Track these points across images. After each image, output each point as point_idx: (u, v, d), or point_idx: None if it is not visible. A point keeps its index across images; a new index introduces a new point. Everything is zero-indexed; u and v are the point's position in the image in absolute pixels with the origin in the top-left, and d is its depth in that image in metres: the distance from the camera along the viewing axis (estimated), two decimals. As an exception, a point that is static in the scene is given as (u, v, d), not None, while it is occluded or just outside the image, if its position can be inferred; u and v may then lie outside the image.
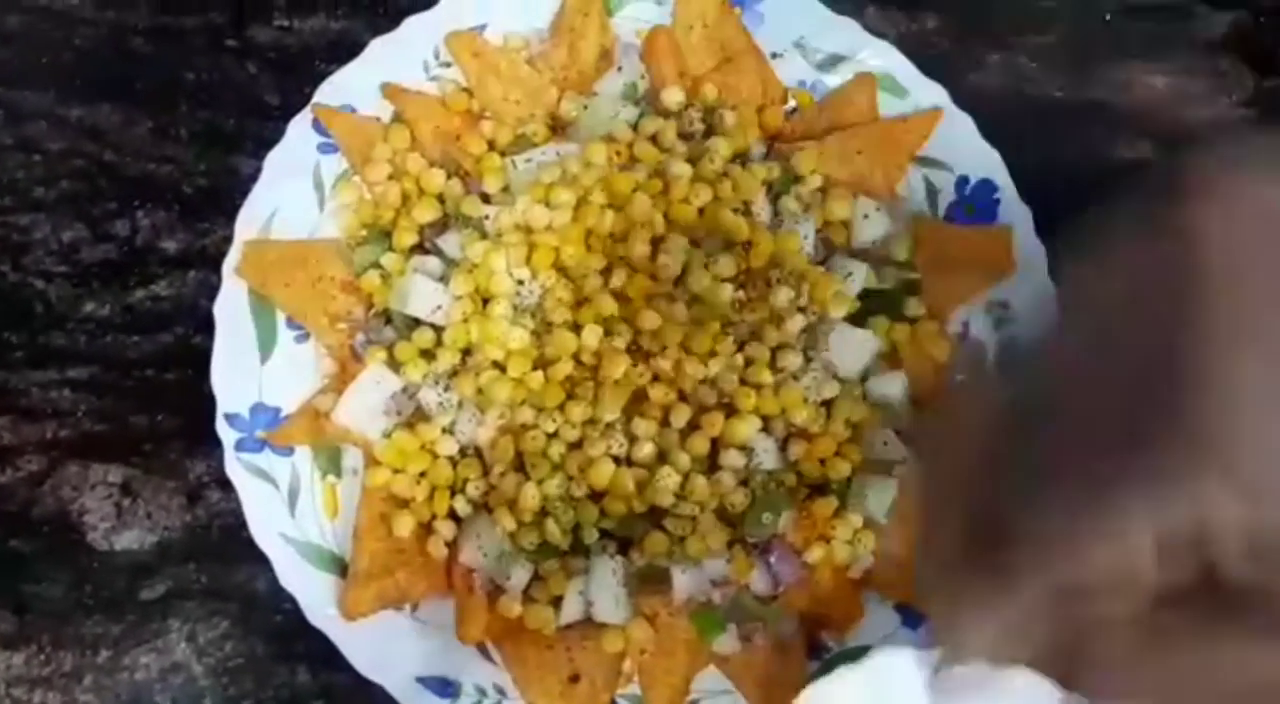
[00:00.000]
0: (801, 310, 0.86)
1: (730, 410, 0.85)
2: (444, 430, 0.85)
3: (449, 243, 0.87)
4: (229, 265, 0.86)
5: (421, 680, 0.82)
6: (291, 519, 0.84)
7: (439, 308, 0.85)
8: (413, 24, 0.91)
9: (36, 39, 0.97)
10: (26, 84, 0.96)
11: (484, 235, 0.87)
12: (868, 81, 0.92)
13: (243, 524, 0.83)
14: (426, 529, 0.85)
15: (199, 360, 0.86)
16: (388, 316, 0.87)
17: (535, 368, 0.85)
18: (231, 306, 0.86)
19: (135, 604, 0.88)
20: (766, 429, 0.85)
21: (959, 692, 0.56)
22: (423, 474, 0.84)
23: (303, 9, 0.98)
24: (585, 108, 0.90)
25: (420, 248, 0.89)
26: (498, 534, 0.83)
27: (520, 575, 0.82)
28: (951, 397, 0.52)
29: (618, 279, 0.85)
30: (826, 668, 0.83)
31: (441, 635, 0.83)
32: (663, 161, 0.88)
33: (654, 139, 0.89)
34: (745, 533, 0.84)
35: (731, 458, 0.84)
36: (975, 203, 0.90)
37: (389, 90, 0.90)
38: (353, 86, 0.90)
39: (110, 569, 0.88)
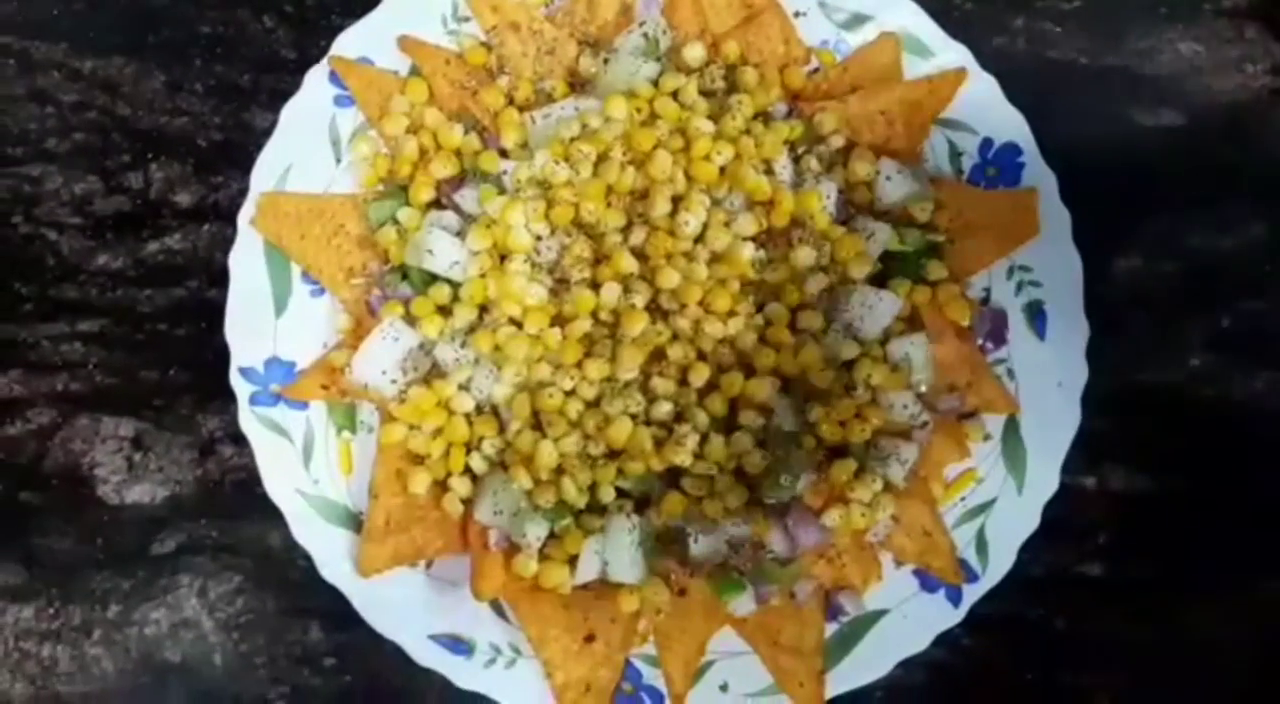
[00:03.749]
0: (823, 270, 0.85)
1: (749, 370, 0.84)
2: (460, 387, 0.84)
3: (466, 198, 0.86)
4: (244, 218, 0.85)
5: (435, 638, 0.81)
6: (306, 474, 0.83)
7: (456, 263, 0.84)
8: (431, -23, 0.90)
9: (49, -10, 0.96)
10: (38, 35, 0.95)
11: (502, 190, 0.86)
12: (891, 41, 0.91)
13: (256, 479, 0.83)
14: (442, 486, 0.84)
15: (212, 314, 0.86)
16: (404, 272, 0.86)
17: (553, 325, 0.84)
18: (246, 259, 0.85)
19: (146, 559, 0.87)
20: (786, 390, 0.84)
21: None
22: (439, 431, 0.84)
23: (319, -37, 0.97)
24: (605, 63, 0.89)
25: (437, 203, 0.88)
26: (514, 492, 0.82)
27: (536, 534, 0.81)
28: None
29: (637, 236, 0.84)
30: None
31: (456, 593, 0.82)
32: (684, 118, 0.87)
33: (675, 96, 0.88)
34: (763, 494, 0.83)
35: (750, 418, 0.83)
36: (999, 165, 0.89)
37: (406, 43, 0.89)
38: (370, 39, 0.89)
39: (120, 523, 0.87)
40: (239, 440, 0.84)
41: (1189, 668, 0.90)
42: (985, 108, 0.90)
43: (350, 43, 0.88)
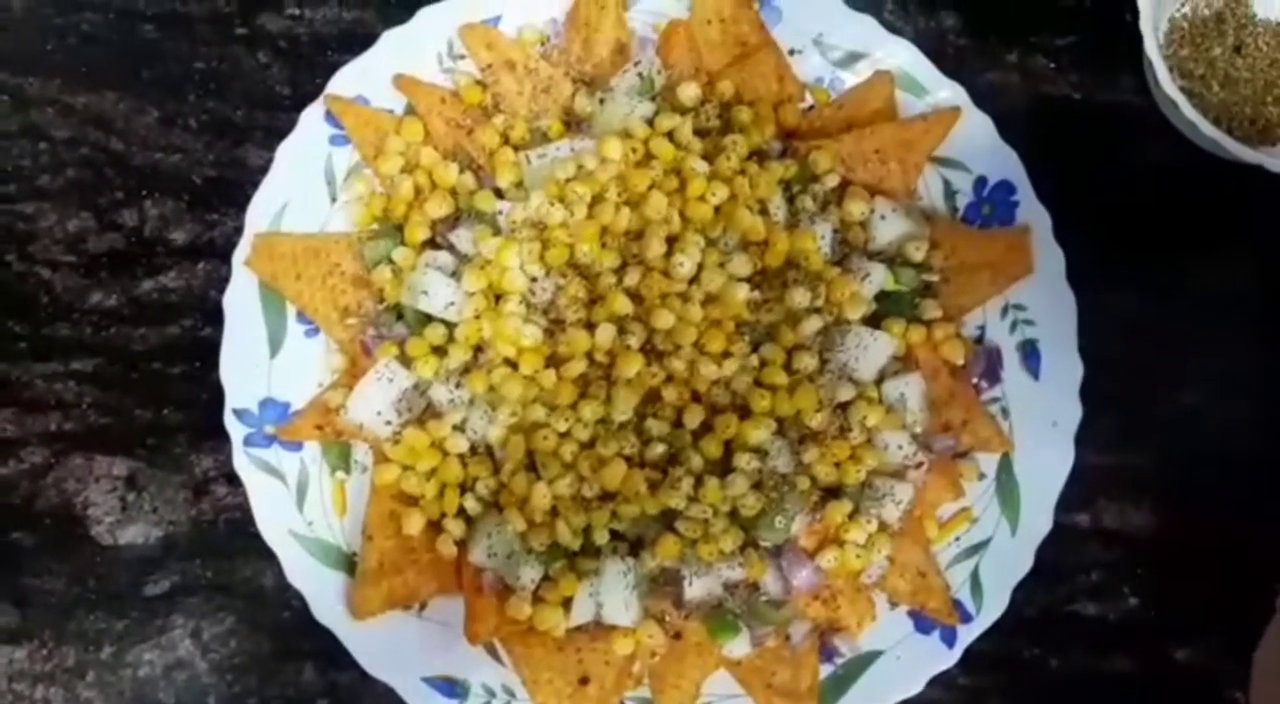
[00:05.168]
0: (817, 311, 0.85)
1: (744, 412, 0.84)
2: (455, 428, 0.84)
3: (461, 238, 0.86)
4: (239, 257, 0.85)
5: (429, 680, 0.81)
6: (300, 515, 0.83)
7: (451, 304, 0.84)
8: (426, 15, 0.90)
9: (42, 24, 0.96)
10: (32, 70, 0.95)
11: (497, 231, 0.86)
12: (886, 79, 0.91)
13: (249, 520, 0.83)
14: (436, 528, 0.84)
15: (206, 353, 0.86)
16: (399, 312, 0.86)
17: (548, 366, 0.84)
18: (241, 299, 0.85)
19: (139, 599, 0.87)
20: (781, 431, 0.84)
21: None
22: (433, 472, 0.84)
23: (314, -2, 0.97)
24: (600, 103, 0.89)
25: (432, 242, 0.88)
26: (508, 534, 0.82)
27: (530, 576, 0.81)
28: None
29: (632, 277, 0.84)
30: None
31: (449, 635, 0.82)
32: (679, 158, 0.87)
33: (670, 135, 0.88)
34: (758, 536, 0.83)
35: (745, 460, 0.83)
36: (993, 204, 0.89)
37: (402, 82, 0.89)
38: (365, 78, 0.89)
39: (114, 564, 0.87)
40: (233, 480, 0.84)
41: (1183, 706, 0.90)
42: (980, 146, 0.90)
43: (346, 81, 0.88)
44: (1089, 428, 0.85)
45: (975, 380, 0.88)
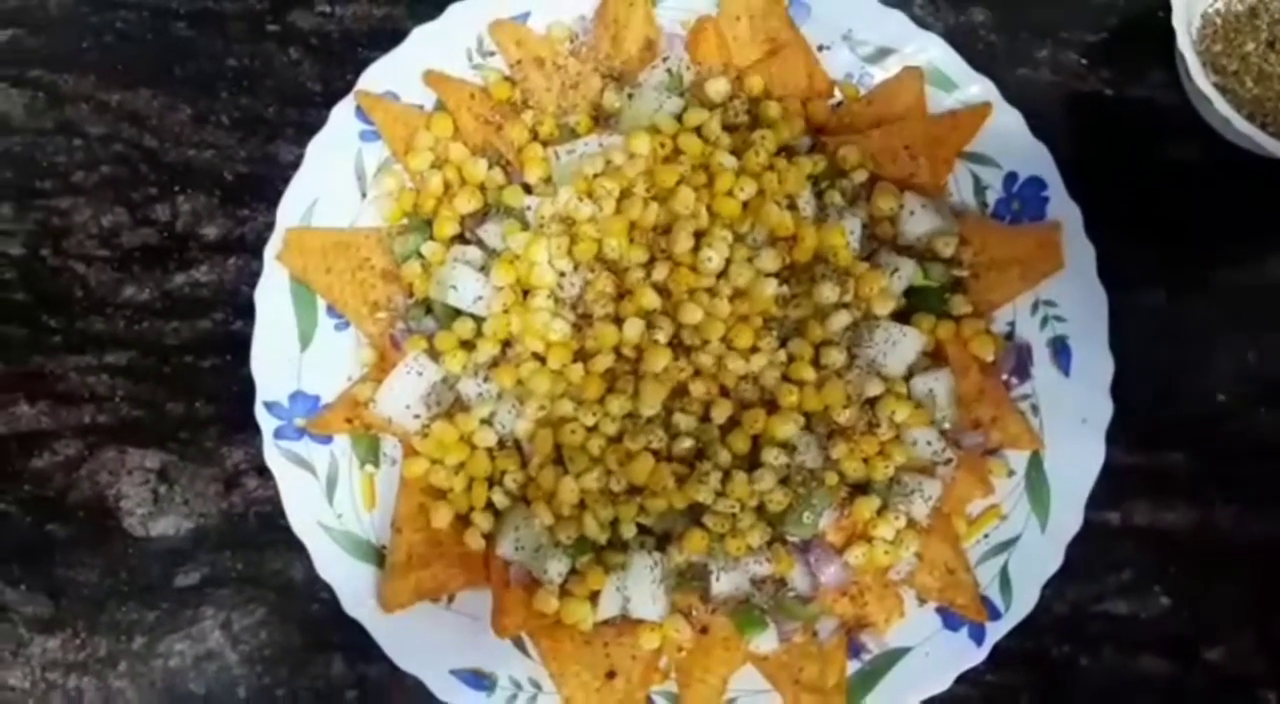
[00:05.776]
0: (846, 307, 0.85)
1: (772, 407, 0.84)
2: (483, 421, 0.84)
3: (490, 233, 0.87)
4: (270, 252, 0.86)
5: (457, 673, 0.82)
6: (329, 508, 0.84)
7: (479, 298, 0.84)
8: (456, 12, 0.90)
9: (77, 22, 0.97)
10: (67, 68, 0.96)
11: (525, 226, 0.86)
12: (915, 75, 0.91)
13: (280, 512, 0.83)
14: (464, 521, 0.84)
15: (238, 347, 0.86)
16: (428, 306, 0.87)
17: (575, 360, 0.84)
18: (272, 293, 0.86)
19: (170, 591, 0.87)
20: (808, 427, 0.84)
21: None
22: (461, 465, 0.84)
23: (344, -5, 0.98)
24: (629, 98, 0.89)
25: (461, 237, 0.88)
26: (535, 527, 0.82)
27: (557, 569, 0.82)
28: None
29: (660, 272, 0.85)
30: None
31: (477, 628, 0.83)
32: (707, 153, 0.87)
33: (698, 131, 0.88)
34: (786, 531, 0.83)
35: (773, 455, 0.82)
36: (1023, 199, 0.89)
37: (432, 78, 0.90)
38: (395, 74, 0.90)
39: (146, 555, 0.88)
40: (263, 473, 0.85)
41: (1214, 706, 0.89)
42: (1010, 141, 0.90)
43: (376, 77, 0.89)
44: (1120, 425, 0.85)
45: (1005, 377, 0.87)
